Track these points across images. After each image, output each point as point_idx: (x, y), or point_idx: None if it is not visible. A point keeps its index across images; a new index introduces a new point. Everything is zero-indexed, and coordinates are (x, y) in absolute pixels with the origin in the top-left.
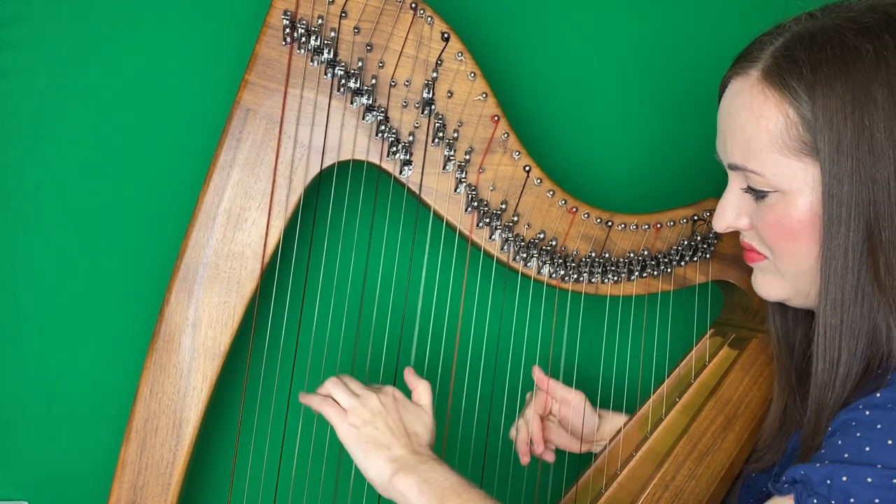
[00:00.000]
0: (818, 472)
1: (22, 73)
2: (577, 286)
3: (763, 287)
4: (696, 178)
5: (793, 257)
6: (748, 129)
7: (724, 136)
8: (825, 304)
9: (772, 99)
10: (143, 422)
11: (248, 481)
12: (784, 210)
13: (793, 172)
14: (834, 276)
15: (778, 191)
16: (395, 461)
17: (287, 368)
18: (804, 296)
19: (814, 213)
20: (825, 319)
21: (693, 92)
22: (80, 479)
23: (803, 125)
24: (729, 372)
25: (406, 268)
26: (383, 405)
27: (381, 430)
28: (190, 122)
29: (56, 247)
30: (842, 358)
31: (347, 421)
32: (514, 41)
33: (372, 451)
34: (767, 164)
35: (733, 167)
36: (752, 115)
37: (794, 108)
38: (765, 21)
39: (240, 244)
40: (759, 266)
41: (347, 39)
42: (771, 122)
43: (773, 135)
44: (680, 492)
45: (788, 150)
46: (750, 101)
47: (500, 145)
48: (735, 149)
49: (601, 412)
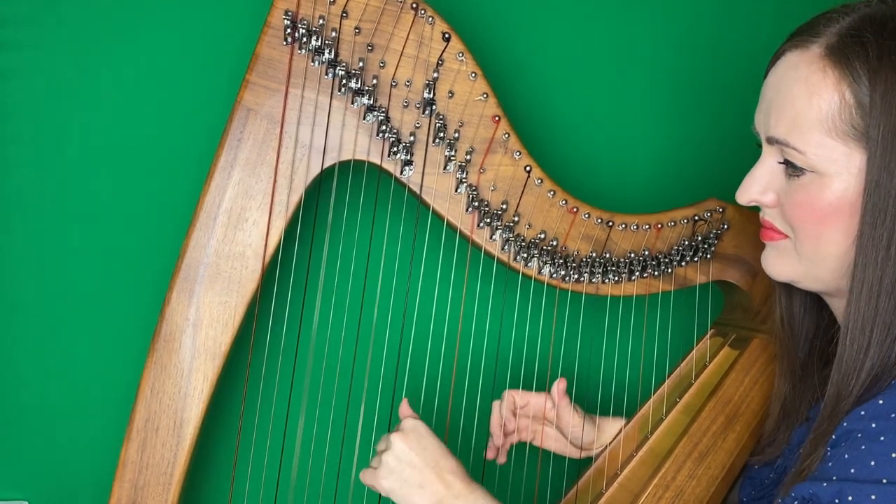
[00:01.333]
0: (826, 490)
1: (22, 74)
2: (578, 286)
3: (774, 266)
4: (697, 178)
5: (815, 241)
6: (798, 104)
7: (770, 107)
8: (860, 292)
9: (831, 77)
10: (143, 421)
11: (248, 481)
12: (817, 192)
13: (835, 156)
14: (872, 266)
15: (815, 171)
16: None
17: (288, 368)
18: (815, 280)
19: (846, 199)
20: (858, 308)
21: (694, 92)
22: (80, 479)
23: (858, 109)
24: (729, 372)
25: (406, 268)
26: (405, 444)
27: (410, 471)
28: (191, 122)
29: (56, 247)
30: (871, 348)
31: (380, 477)
32: (514, 41)
33: (408, 495)
34: (811, 143)
35: (772, 140)
36: (807, 89)
37: (852, 91)
38: (765, 21)
39: (240, 244)
40: (776, 245)
41: (348, 39)
42: (825, 100)
43: (825, 114)
44: (680, 492)
45: (836, 133)
46: (807, 75)
47: (501, 145)
48: (780, 122)
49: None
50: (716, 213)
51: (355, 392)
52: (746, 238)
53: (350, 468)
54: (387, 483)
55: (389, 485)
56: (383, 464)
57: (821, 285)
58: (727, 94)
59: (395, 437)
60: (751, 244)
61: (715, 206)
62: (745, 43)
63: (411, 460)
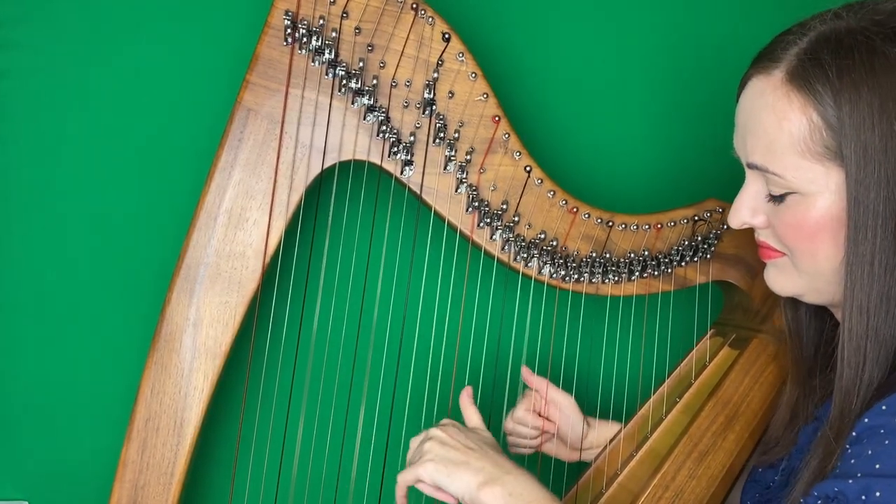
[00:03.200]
0: (852, 487)
1: (22, 73)
2: (578, 286)
3: (777, 283)
4: (697, 179)
5: (811, 257)
6: (770, 132)
7: (745, 133)
8: (850, 310)
9: (796, 102)
10: (144, 421)
11: (249, 480)
12: (803, 212)
13: (813, 176)
14: (860, 283)
15: (797, 193)
16: (478, 472)
17: (288, 368)
18: (818, 292)
19: (832, 215)
20: (851, 325)
21: (694, 92)
22: (81, 479)
23: (827, 130)
24: (729, 372)
25: (407, 268)
26: (444, 432)
27: (452, 450)
28: (191, 123)
29: (56, 247)
30: (866, 364)
31: (421, 463)
32: (514, 42)
33: (454, 472)
34: (788, 167)
35: (752, 167)
36: (775, 117)
37: (819, 113)
38: (766, 21)
39: (241, 244)
40: (775, 263)
41: (348, 40)
42: (794, 125)
43: (796, 138)
44: (680, 492)
45: (810, 154)
46: (773, 102)
47: (501, 146)
48: (756, 149)
49: (590, 420)
50: (715, 213)
51: (355, 391)
52: (746, 238)
53: (350, 468)
54: (431, 466)
55: (434, 467)
56: (424, 451)
57: (824, 297)
58: (727, 94)
59: (434, 429)
60: (750, 244)
61: (715, 207)
62: (746, 43)
63: (454, 443)
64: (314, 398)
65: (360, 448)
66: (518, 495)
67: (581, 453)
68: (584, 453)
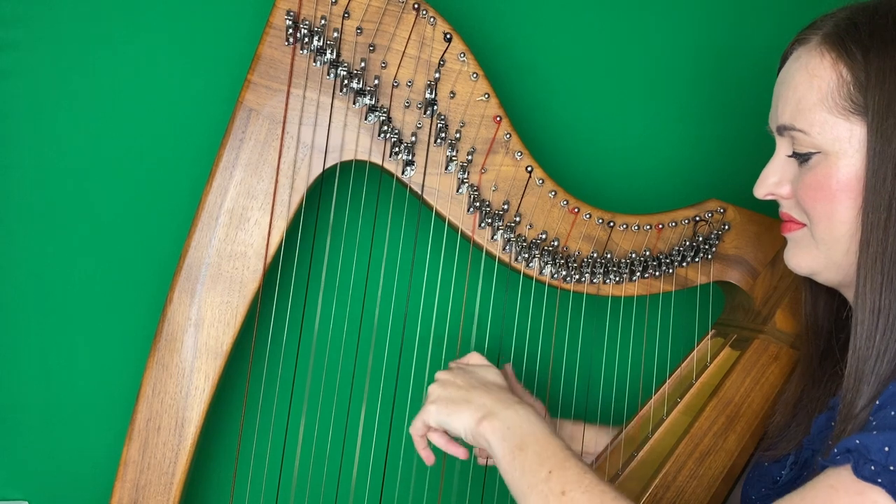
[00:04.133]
0: (875, 439)
1: (22, 73)
2: (579, 287)
3: (795, 258)
4: (698, 179)
5: (829, 221)
6: (800, 89)
7: (777, 100)
8: (866, 257)
9: (828, 58)
10: (145, 421)
11: (249, 480)
12: (825, 171)
13: (838, 133)
14: (876, 230)
15: (821, 151)
16: (478, 409)
17: (289, 368)
18: (836, 267)
19: (855, 176)
20: (866, 273)
21: (695, 92)
22: (81, 479)
23: (855, 85)
24: (730, 373)
25: (408, 268)
26: (449, 373)
27: (456, 391)
28: (192, 122)
29: (57, 247)
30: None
31: (426, 405)
32: (516, 42)
33: (455, 410)
34: (815, 123)
35: (781, 129)
36: (807, 74)
37: (849, 68)
38: (767, 22)
39: (242, 244)
40: (795, 236)
41: (350, 40)
42: (824, 80)
43: (824, 93)
44: (681, 492)
45: (837, 109)
46: (807, 61)
47: (503, 146)
48: (785, 109)
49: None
50: (717, 213)
51: (356, 391)
52: (747, 239)
53: (351, 467)
54: (433, 408)
55: (436, 408)
56: (428, 395)
57: (839, 273)
58: (728, 94)
59: (439, 372)
60: (751, 245)
61: (716, 207)
62: (747, 44)
63: (455, 382)
64: (315, 398)
65: (360, 448)
66: (516, 427)
67: None
68: None
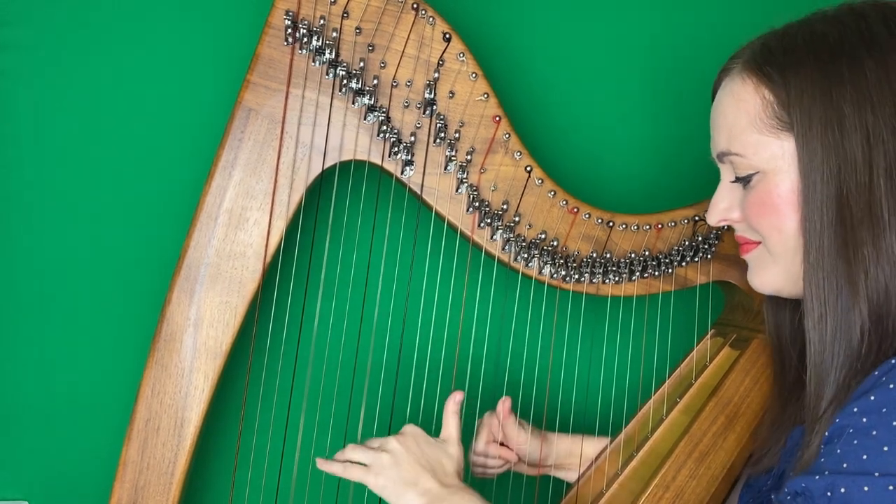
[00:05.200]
0: (818, 484)
1: (22, 73)
2: (578, 287)
3: (758, 278)
4: (697, 178)
5: (779, 234)
6: (730, 115)
7: (713, 130)
8: (808, 264)
9: (750, 83)
10: (144, 421)
11: (249, 480)
12: (766, 188)
13: (772, 151)
14: (812, 237)
15: (760, 171)
16: (424, 494)
17: (289, 368)
18: (795, 280)
19: (792, 188)
20: (808, 279)
21: (694, 92)
22: (81, 479)
23: (778, 104)
24: (730, 372)
25: (407, 268)
26: (402, 445)
27: (406, 469)
28: (191, 122)
29: (56, 247)
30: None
31: (372, 473)
32: (515, 42)
33: (402, 491)
34: (749, 145)
35: (721, 156)
36: (734, 100)
37: (769, 89)
38: (766, 20)
39: (241, 244)
40: (752, 256)
41: (349, 40)
42: (750, 104)
43: (752, 116)
44: (681, 492)
45: (766, 129)
46: (731, 89)
47: (502, 146)
48: (720, 136)
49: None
50: None
51: (356, 392)
52: None
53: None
54: (381, 481)
55: (383, 483)
56: (379, 464)
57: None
58: None
59: (392, 439)
60: None
61: None
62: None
63: (408, 460)
64: (315, 398)
65: None
66: None
67: (549, 468)
68: (550, 469)
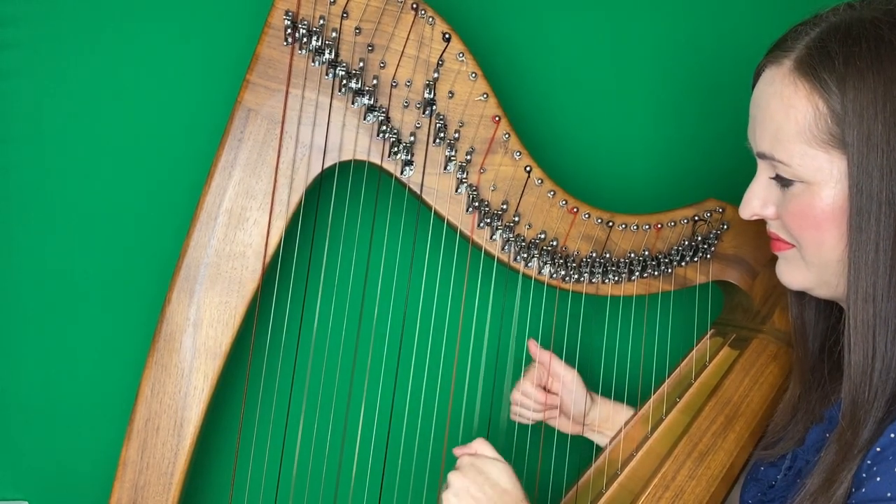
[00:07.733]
0: None
1: (22, 73)
2: (578, 286)
3: (787, 275)
4: (697, 179)
5: (817, 247)
6: (777, 119)
7: (755, 123)
8: (856, 297)
9: (802, 90)
10: (144, 421)
11: (249, 480)
12: (808, 200)
13: (819, 164)
14: (865, 270)
15: (803, 181)
16: None
17: (288, 368)
18: (828, 286)
19: (837, 205)
20: (856, 313)
21: (694, 92)
22: (81, 479)
23: (832, 117)
24: (729, 372)
25: (407, 267)
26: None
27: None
28: (191, 122)
29: (56, 247)
30: (877, 353)
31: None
32: (515, 42)
33: None
34: (794, 155)
35: (762, 155)
36: (783, 104)
37: (824, 100)
38: (767, 21)
39: (241, 244)
40: (785, 255)
41: (349, 40)
42: (800, 112)
43: (802, 125)
44: (680, 491)
45: (816, 142)
46: (781, 90)
47: (501, 146)
48: (764, 137)
49: (594, 395)
50: (715, 213)
51: (355, 391)
52: (746, 238)
53: (350, 468)
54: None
55: None
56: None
57: (832, 291)
58: (727, 94)
59: (454, 476)
60: (750, 244)
61: (715, 207)
62: (745, 44)
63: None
64: (314, 398)
65: (359, 448)
66: None
67: (584, 428)
68: (586, 428)
